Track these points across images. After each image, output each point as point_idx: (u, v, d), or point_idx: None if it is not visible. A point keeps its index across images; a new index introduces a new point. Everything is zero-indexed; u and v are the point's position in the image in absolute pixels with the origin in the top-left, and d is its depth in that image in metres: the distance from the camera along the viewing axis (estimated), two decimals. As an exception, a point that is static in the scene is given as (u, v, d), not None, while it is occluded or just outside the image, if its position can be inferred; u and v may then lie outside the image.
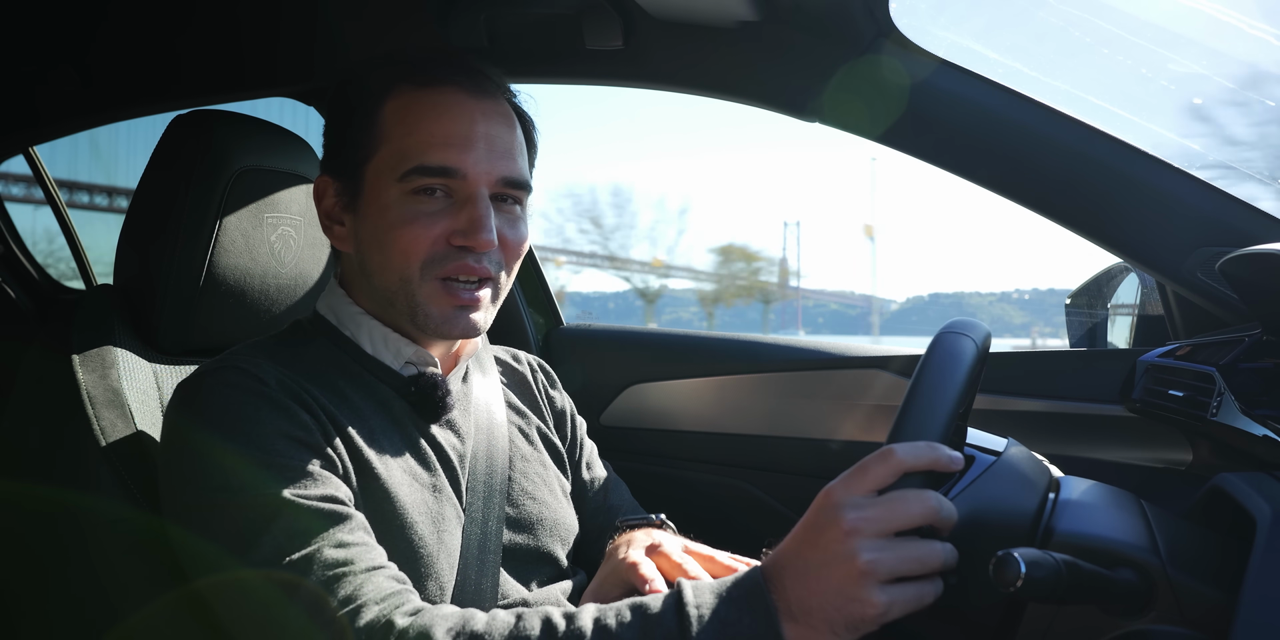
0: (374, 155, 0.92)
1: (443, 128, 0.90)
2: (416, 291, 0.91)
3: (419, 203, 0.90)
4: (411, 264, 0.90)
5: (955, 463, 0.66)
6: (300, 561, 0.75)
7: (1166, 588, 0.64)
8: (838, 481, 0.67)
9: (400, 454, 0.92)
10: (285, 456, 0.81)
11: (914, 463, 0.65)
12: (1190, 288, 1.11)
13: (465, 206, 0.90)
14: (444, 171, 0.89)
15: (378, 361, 0.97)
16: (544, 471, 1.09)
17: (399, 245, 0.90)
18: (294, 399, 0.86)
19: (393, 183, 0.90)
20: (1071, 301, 1.65)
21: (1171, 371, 1.14)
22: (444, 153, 0.89)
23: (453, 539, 0.93)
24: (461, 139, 0.90)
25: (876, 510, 0.64)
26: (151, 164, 1.11)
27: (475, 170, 0.90)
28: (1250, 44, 1.24)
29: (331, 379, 0.93)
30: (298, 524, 0.77)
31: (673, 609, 0.68)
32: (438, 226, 0.90)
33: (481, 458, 1.00)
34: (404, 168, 0.89)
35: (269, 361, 0.90)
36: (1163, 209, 1.10)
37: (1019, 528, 0.71)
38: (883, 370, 1.48)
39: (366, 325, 0.97)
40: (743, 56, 1.25)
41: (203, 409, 0.84)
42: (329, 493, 0.81)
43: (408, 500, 0.89)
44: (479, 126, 0.91)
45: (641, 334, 1.73)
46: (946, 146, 1.19)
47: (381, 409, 0.94)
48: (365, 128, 0.92)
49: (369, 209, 0.92)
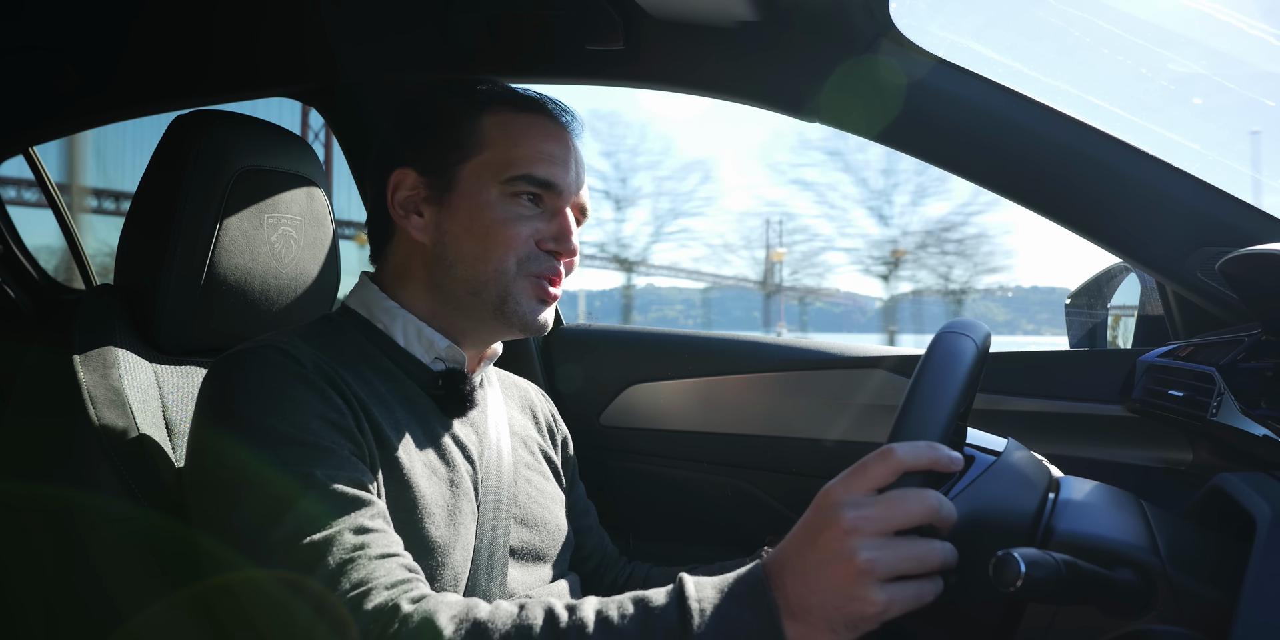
0: (472, 157, 1.00)
1: (548, 147, 1.01)
2: (512, 283, 0.99)
3: (519, 205, 0.99)
4: (509, 257, 0.98)
5: (955, 463, 0.66)
6: (320, 542, 0.77)
7: (1166, 588, 0.64)
8: (837, 480, 0.67)
9: (423, 448, 0.95)
10: (317, 435, 0.83)
11: (914, 462, 0.65)
12: (1190, 288, 1.11)
13: (556, 217, 1.01)
14: (547, 185, 0.99)
15: (409, 354, 1.00)
16: (544, 482, 1.13)
17: (501, 238, 0.98)
18: (329, 382, 0.89)
19: (494, 184, 0.99)
20: (1071, 301, 1.65)
21: (1171, 371, 1.14)
22: (549, 168, 1.00)
23: (468, 533, 0.95)
24: (561, 160, 1.01)
25: (876, 509, 0.64)
26: (152, 164, 1.11)
27: (569, 189, 1.02)
28: (1250, 44, 1.24)
29: (361, 369, 0.96)
30: (321, 505, 0.79)
31: (675, 603, 0.68)
32: (530, 228, 0.99)
33: (493, 457, 1.03)
34: (510, 173, 0.98)
35: (304, 344, 0.93)
36: (1162, 209, 1.10)
37: (1019, 527, 0.71)
38: (883, 370, 1.48)
39: (401, 318, 1.01)
40: (743, 56, 1.25)
41: (241, 384, 0.86)
42: (356, 476, 0.83)
43: (427, 493, 0.91)
44: (571, 152, 1.04)
45: (641, 334, 1.73)
46: (946, 146, 1.19)
47: (408, 403, 0.97)
48: (465, 132, 1.01)
49: (463, 203, 0.99)
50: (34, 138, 1.76)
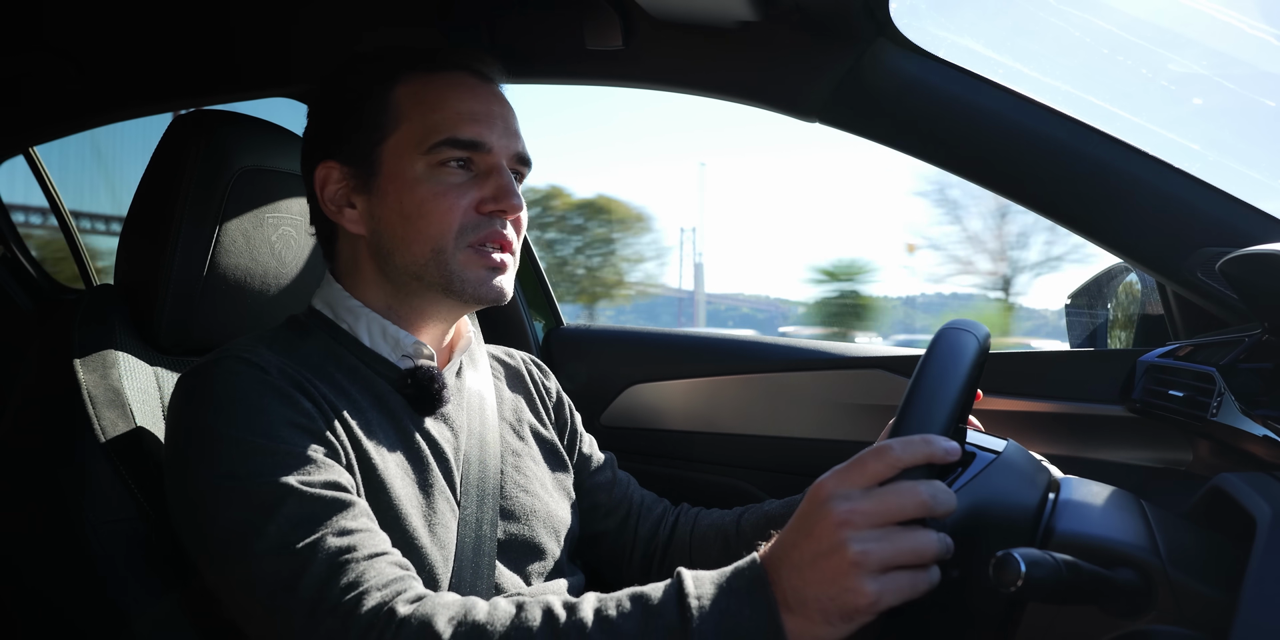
0: (390, 135, 0.96)
1: (466, 105, 0.95)
2: (450, 259, 0.94)
3: (446, 174, 0.94)
4: (446, 233, 0.94)
5: (952, 454, 0.65)
6: (305, 549, 0.76)
7: (1166, 588, 0.64)
8: (831, 474, 0.68)
9: (396, 448, 0.93)
10: (290, 443, 0.82)
11: (911, 458, 0.65)
12: (1190, 288, 1.11)
13: (490, 176, 0.96)
14: (472, 145, 0.94)
15: (375, 354, 0.98)
16: (535, 467, 1.10)
17: (434, 215, 0.93)
18: (296, 387, 0.87)
19: (418, 157, 0.94)
20: (1071, 301, 1.65)
21: (1171, 371, 1.14)
22: (472, 127, 0.94)
23: (447, 533, 0.93)
24: (484, 116, 0.96)
25: (867, 502, 0.64)
26: (152, 164, 1.11)
27: (498, 144, 0.96)
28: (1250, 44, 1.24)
29: (329, 372, 0.94)
30: (302, 511, 0.78)
31: (674, 599, 0.68)
32: (466, 197, 0.94)
33: (475, 452, 1.01)
34: (431, 141, 0.93)
35: (268, 350, 0.91)
36: (1163, 209, 1.10)
37: (1019, 526, 0.71)
38: (883, 370, 1.48)
39: (365, 317, 0.99)
40: (743, 56, 1.25)
41: (208, 399, 0.85)
42: (333, 479, 0.82)
43: (403, 493, 0.90)
44: (494, 106, 0.98)
45: (641, 334, 1.73)
46: (946, 146, 1.19)
47: (378, 403, 0.95)
48: (376, 111, 0.96)
49: (390, 186, 0.95)
50: (34, 138, 1.76)
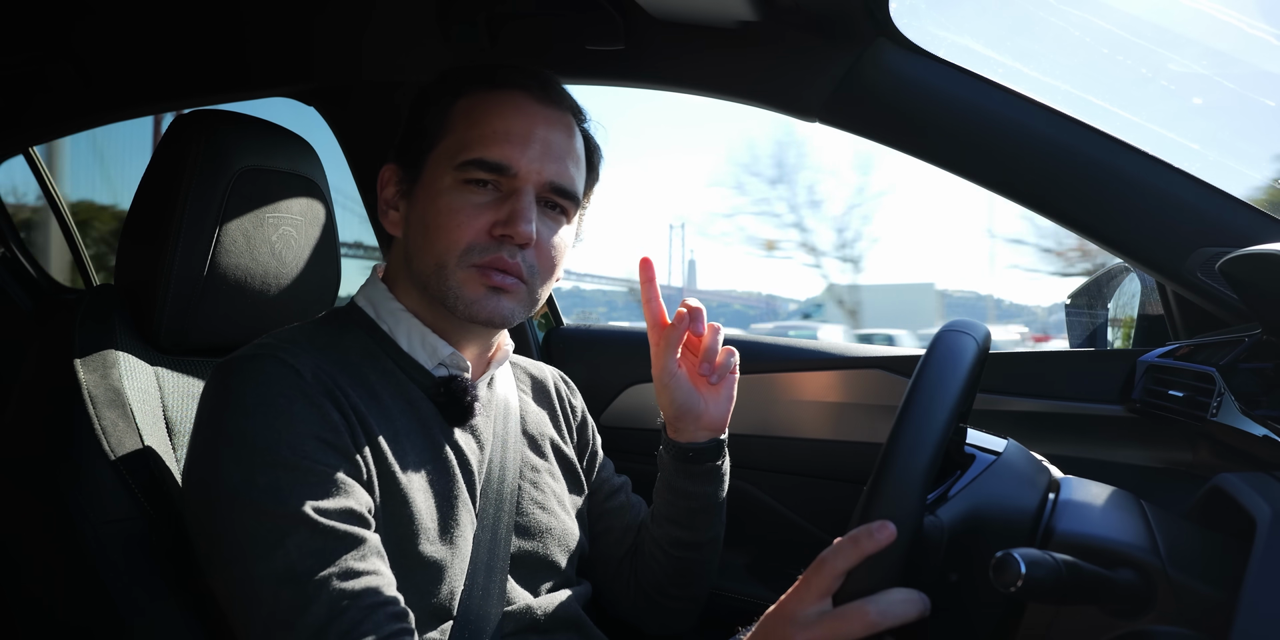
0: (437, 145, 0.96)
1: (504, 124, 0.94)
2: (450, 276, 0.93)
3: (470, 192, 0.93)
4: (453, 249, 0.92)
5: (885, 539, 0.66)
6: (308, 586, 0.76)
7: (1166, 588, 0.64)
8: (787, 595, 0.71)
9: (422, 457, 0.93)
10: (311, 458, 0.81)
11: (846, 564, 0.67)
12: (1190, 288, 1.11)
13: (509, 200, 0.93)
14: (497, 167, 0.93)
15: (411, 359, 0.98)
16: (553, 483, 1.11)
17: (445, 230, 0.92)
18: (327, 395, 0.86)
19: (449, 171, 0.94)
20: (1071, 301, 1.65)
21: (1171, 372, 1.14)
22: (501, 148, 0.93)
23: (465, 544, 0.93)
24: (519, 137, 0.94)
25: (821, 630, 0.67)
26: (152, 163, 1.11)
27: (526, 169, 0.93)
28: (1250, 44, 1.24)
29: (364, 372, 0.94)
30: (313, 543, 0.78)
31: None
32: (482, 218, 0.92)
33: (496, 465, 1.01)
34: (462, 158, 0.93)
35: (310, 346, 0.91)
36: (1163, 209, 1.10)
37: (1019, 526, 0.71)
38: (883, 370, 1.48)
39: (405, 322, 0.99)
40: (743, 56, 1.25)
41: (240, 400, 0.84)
42: (348, 506, 0.81)
43: (425, 504, 0.90)
44: (538, 129, 0.95)
45: (642, 334, 1.73)
46: (945, 146, 1.18)
47: (409, 408, 0.95)
48: (435, 121, 0.97)
49: (423, 194, 0.96)
50: (34, 138, 1.76)
